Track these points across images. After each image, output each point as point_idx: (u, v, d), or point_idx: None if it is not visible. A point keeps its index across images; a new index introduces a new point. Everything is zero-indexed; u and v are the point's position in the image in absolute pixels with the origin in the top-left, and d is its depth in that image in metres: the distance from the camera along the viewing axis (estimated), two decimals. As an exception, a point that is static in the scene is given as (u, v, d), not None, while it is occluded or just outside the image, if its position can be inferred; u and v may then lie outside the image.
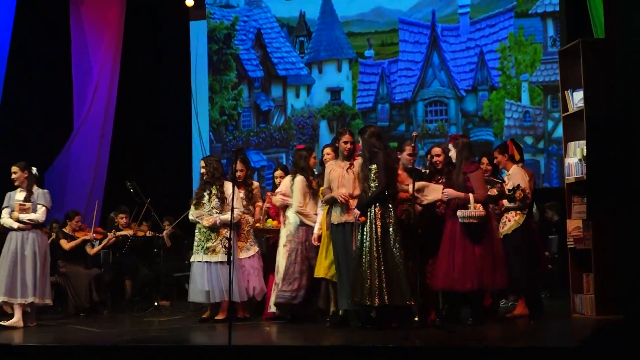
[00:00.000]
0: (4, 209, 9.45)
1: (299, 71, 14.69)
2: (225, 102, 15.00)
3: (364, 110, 14.27)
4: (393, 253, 7.80)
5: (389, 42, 14.22)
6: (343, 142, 8.34)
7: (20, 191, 9.46)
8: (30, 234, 9.32)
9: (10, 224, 9.33)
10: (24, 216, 9.31)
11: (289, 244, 8.95)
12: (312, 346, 7.28)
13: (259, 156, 14.73)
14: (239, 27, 15.07)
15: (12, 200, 9.42)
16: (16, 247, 9.24)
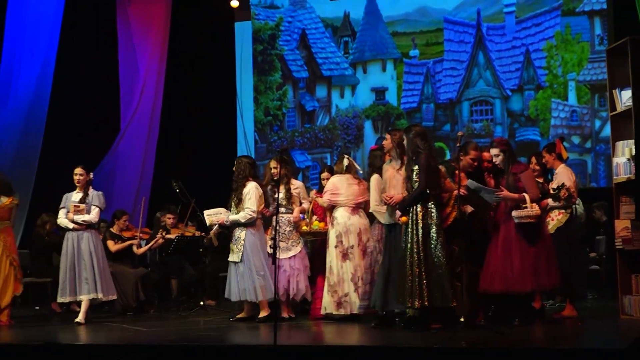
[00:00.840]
0: (61, 210, 9.73)
1: (344, 71, 14.68)
2: (270, 103, 15.03)
3: (408, 110, 14.21)
4: (434, 255, 7.74)
5: (433, 41, 14.16)
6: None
7: (77, 192, 9.74)
8: (85, 233, 9.62)
9: (66, 224, 9.63)
10: (78, 217, 9.59)
11: (340, 245, 8.96)
12: (355, 346, 7.28)
13: (303, 156, 14.74)
14: (283, 27, 15.10)
15: (69, 201, 9.71)
16: (73, 247, 9.55)
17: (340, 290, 8.92)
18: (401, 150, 8.27)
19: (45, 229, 11.52)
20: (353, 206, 9.11)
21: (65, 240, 9.68)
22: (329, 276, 9.02)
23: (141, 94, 14.52)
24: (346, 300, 8.91)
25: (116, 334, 8.78)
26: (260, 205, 9.36)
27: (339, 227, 9.00)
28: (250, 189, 9.29)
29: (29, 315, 10.77)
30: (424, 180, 7.81)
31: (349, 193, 9.13)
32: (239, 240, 9.29)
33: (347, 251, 8.99)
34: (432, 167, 7.92)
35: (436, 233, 7.77)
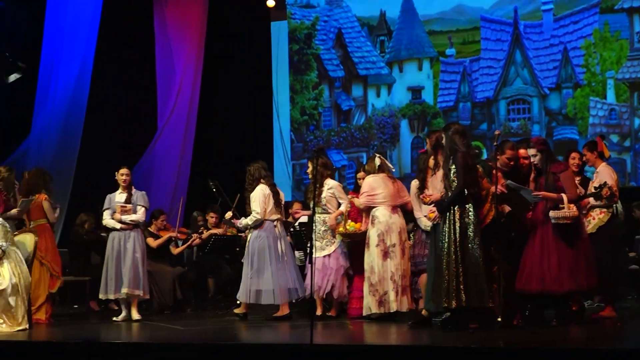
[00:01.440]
0: (105, 211, 9.89)
1: (380, 70, 14.66)
2: (306, 102, 15.05)
3: (445, 109, 14.16)
4: (472, 254, 7.70)
5: (470, 40, 14.08)
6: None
7: (120, 193, 9.89)
8: (132, 233, 9.84)
9: (113, 224, 9.81)
10: (126, 217, 9.79)
11: (382, 243, 8.95)
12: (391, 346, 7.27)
13: (339, 156, 14.74)
14: (319, 27, 15.10)
15: (113, 202, 9.86)
16: (119, 246, 9.75)
17: (380, 289, 8.91)
18: (436, 152, 8.27)
19: (84, 228, 11.62)
20: (392, 205, 9.10)
21: (110, 239, 9.85)
22: (369, 276, 9.00)
23: (178, 93, 14.61)
24: (385, 298, 8.89)
25: (153, 332, 8.84)
26: (269, 207, 9.48)
27: (381, 226, 8.98)
28: (256, 192, 9.49)
29: (67, 314, 10.88)
30: (462, 179, 7.76)
31: (387, 192, 9.12)
32: (248, 242, 9.56)
33: (389, 250, 8.97)
34: (470, 166, 7.86)
35: (473, 232, 7.72)
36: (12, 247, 9.05)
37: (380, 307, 8.91)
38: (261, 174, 9.62)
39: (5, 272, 8.82)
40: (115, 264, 9.73)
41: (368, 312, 9.02)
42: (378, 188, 9.10)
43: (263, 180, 9.61)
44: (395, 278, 8.91)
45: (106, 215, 9.91)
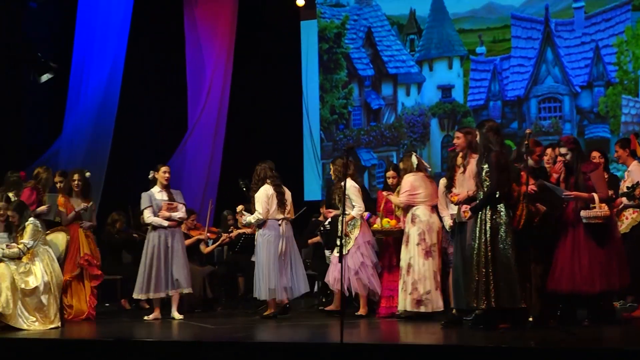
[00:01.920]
0: (147, 209, 9.79)
1: (410, 69, 14.62)
2: (336, 101, 15.05)
3: (475, 108, 14.10)
4: (503, 255, 7.64)
5: (500, 38, 14.01)
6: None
7: (160, 191, 9.85)
8: (177, 230, 9.85)
9: (160, 222, 9.72)
10: (175, 215, 9.77)
11: (423, 242, 8.93)
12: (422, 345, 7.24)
13: (369, 155, 14.72)
14: (349, 26, 15.09)
15: (155, 200, 9.78)
16: (166, 244, 9.69)
17: (421, 288, 8.88)
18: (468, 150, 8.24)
19: (115, 227, 11.69)
20: (431, 205, 9.10)
21: (153, 237, 9.74)
22: (405, 274, 8.97)
23: (208, 93, 14.66)
24: (428, 298, 8.87)
25: (184, 331, 8.87)
26: (272, 207, 9.66)
27: (422, 225, 8.96)
28: (259, 193, 9.71)
29: (98, 312, 10.93)
30: (495, 180, 7.71)
31: (427, 192, 9.13)
32: (256, 241, 9.82)
33: (430, 249, 8.96)
34: (503, 165, 7.80)
35: (505, 233, 7.67)
36: (44, 245, 9.13)
37: (420, 306, 8.88)
38: (267, 174, 9.84)
39: (38, 270, 8.91)
40: (164, 262, 9.66)
41: (402, 309, 9.00)
42: (419, 187, 9.07)
43: (268, 180, 9.82)
44: (437, 278, 8.91)
45: (149, 213, 9.78)
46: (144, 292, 9.69)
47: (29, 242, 8.93)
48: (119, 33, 13.51)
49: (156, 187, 9.89)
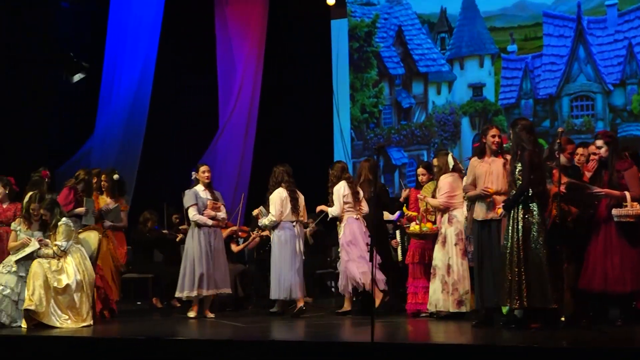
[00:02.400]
0: (192, 207, 9.73)
1: (440, 67, 14.58)
2: (366, 100, 15.03)
3: (506, 106, 14.03)
4: (535, 254, 7.59)
5: (532, 36, 13.93)
6: (491, 137, 8.20)
7: (204, 190, 9.85)
8: (218, 230, 9.88)
9: (205, 221, 9.68)
10: (219, 214, 9.80)
11: (461, 242, 8.91)
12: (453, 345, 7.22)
13: (400, 153, 14.70)
14: (379, 24, 15.07)
15: (200, 198, 9.76)
16: (208, 243, 9.68)
17: (461, 288, 8.84)
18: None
19: (147, 226, 11.75)
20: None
21: (196, 236, 9.68)
22: (444, 274, 8.93)
23: (239, 92, 14.71)
24: (467, 297, 8.83)
25: (215, 329, 8.89)
26: (286, 210, 9.95)
27: (459, 226, 8.90)
28: (274, 195, 10.00)
29: (130, 310, 11.01)
30: (527, 178, 7.67)
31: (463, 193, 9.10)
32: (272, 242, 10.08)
33: (465, 249, 8.93)
34: (536, 164, 7.75)
35: (537, 232, 7.62)
36: (76, 244, 9.20)
37: (461, 307, 8.85)
38: (283, 178, 10.13)
39: (70, 269, 8.97)
40: (206, 262, 9.61)
41: (435, 308, 8.97)
42: (457, 189, 9.00)
43: (284, 184, 10.08)
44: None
45: (194, 211, 9.70)
46: (185, 290, 9.63)
47: (62, 243, 9.00)
48: (150, 33, 13.58)
49: (200, 186, 9.88)
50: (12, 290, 8.89)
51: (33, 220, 9.19)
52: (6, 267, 9.02)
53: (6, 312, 8.84)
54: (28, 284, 8.78)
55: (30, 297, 8.69)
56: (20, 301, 8.85)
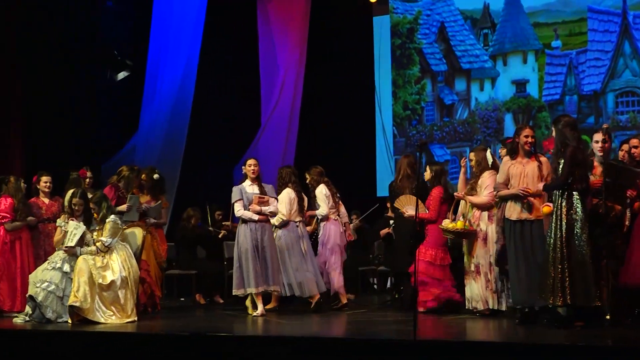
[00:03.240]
0: (237, 202, 9.59)
1: (483, 64, 14.49)
2: (409, 97, 14.99)
3: (550, 103, 13.91)
4: (579, 251, 7.52)
5: (577, 31, 13.80)
6: (524, 137, 8.14)
7: (251, 185, 9.68)
8: (267, 225, 9.65)
9: (250, 216, 9.50)
10: (266, 209, 9.58)
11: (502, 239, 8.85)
12: (496, 343, 7.18)
13: (442, 150, 14.64)
14: (422, 21, 15.02)
15: (245, 194, 9.61)
16: (257, 239, 9.50)
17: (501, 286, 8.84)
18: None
19: (190, 222, 11.83)
20: None
21: (244, 231, 9.53)
22: (487, 272, 8.89)
23: (281, 89, 14.74)
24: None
25: (259, 326, 8.91)
26: (293, 209, 10.00)
27: (501, 223, 8.85)
28: (282, 195, 10.01)
29: (174, 307, 11.09)
30: (566, 173, 7.61)
31: None
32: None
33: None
34: (579, 160, 7.67)
35: (580, 229, 7.55)
36: (122, 242, 9.28)
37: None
38: (291, 178, 10.18)
39: (115, 265, 9.05)
40: (253, 258, 9.43)
41: (482, 306, 8.94)
42: None
43: (291, 184, 10.12)
44: None
45: (239, 207, 9.56)
46: (239, 287, 9.51)
47: (107, 240, 9.08)
48: (193, 31, 13.67)
49: (247, 181, 9.74)
50: (57, 287, 8.99)
51: (76, 215, 9.29)
52: (51, 264, 9.13)
53: (51, 307, 8.94)
54: (73, 280, 8.88)
55: (75, 293, 8.78)
56: (65, 297, 8.95)
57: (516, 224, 8.06)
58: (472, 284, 9.01)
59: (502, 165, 8.30)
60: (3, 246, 9.94)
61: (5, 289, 9.90)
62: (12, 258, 9.98)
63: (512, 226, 8.09)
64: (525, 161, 8.14)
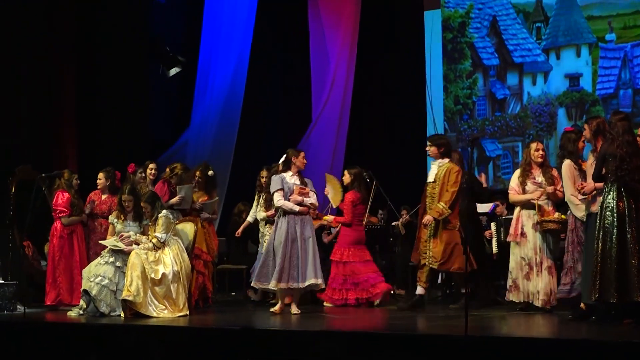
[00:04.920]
0: (277, 192, 9.26)
1: (536, 58, 14.35)
2: (460, 91, 14.91)
3: (604, 97, 13.73)
4: (628, 246, 7.43)
5: (632, 24, 13.59)
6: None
7: (292, 175, 9.38)
8: (307, 217, 9.33)
9: (292, 207, 9.18)
10: (307, 200, 9.30)
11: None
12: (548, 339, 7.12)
13: (494, 145, 14.54)
14: (473, 15, 14.92)
15: (286, 183, 9.29)
16: (296, 231, 9.17)
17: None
18: (596, 139, 8.01)
19: (241, 217, 11.87)
20: None
21: (282, 223, 9.21)
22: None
23: (332, 84, 14.76)
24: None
25: (308, 321, 8.92)
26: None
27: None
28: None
29: (225, 301, 11.17)
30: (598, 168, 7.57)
31: None
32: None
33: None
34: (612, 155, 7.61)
35: (629, 224, 7.45)
36: (174, 236, 9.37)
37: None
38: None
39: (167, 260, 9.14)
40: (291, 251, 9.09)
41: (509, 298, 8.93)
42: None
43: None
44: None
45: (279, 196, 9.20)
46: (261, 280, 9.22)
47: (162, 235, 9.17)
48: (244, 27, 13.74)
49: (289, 171, 9.42)
50: (110, 281, 9.12)
51: (127, 211, 9.40)
52: (104, 258, 9.26)
53: (105, 301, 9.07)
54: (126, 274, 8.99)
55: (128, 287, 8.89)
56: (119, 291, 9.07)
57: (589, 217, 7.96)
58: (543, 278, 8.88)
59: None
60: (60, 240, 10.09)
61: (65, 283, 10.06)
62: (70, 252, 10.14)
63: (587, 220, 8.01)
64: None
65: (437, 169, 9.52)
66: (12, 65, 12.32)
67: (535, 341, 6.94)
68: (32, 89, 12.71)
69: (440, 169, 9.49)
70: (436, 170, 9.53)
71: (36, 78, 12.74)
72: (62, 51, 13.16)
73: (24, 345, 8.19)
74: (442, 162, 9.52)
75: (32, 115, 12.66)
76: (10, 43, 12.26)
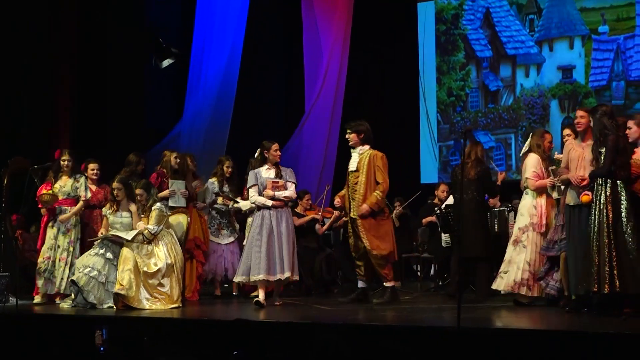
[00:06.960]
0: (252, 188, 9.22)
1: (529, 50, 14.35)
2: (453, 83, 14.90)
3: (597, 89, 13.74)
4: (625, 239, 7.44)
5: (624, 16, 13.61)
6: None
7: (268, 169, 9.29)
8: (284, 211, 9.18)
9: (264, 202, 9.09)
10: (279, 193, 9.15)
11: None
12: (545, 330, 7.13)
13: (487, 137, 14.54)
14: (467, 6, 14.91)
15: (260, 178, 9.22)
16: (271, 225, 9.05)
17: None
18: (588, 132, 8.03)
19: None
20: None
21: (258, 217, 9.13)
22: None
23: (325, 76, 14.73)
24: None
25: (301, 312, 8.92)
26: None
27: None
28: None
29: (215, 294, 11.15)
30: (609, 162, 7.53)
31: None
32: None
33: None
34: (622, 148, 7.61)
35: (626, 217, 7.47)
36: (167, 229, 9.34)
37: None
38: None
39: (160, 253, 9.12)
40: (267, 245, 8.97)
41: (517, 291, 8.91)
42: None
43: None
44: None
45: (253, 192, 9.16)
46: (242, 275, 9.11)
47: (153, 227, 9.15)
48: (237, 18, 13.70)
49: (265, 165, 9.35)
50: (98, 272, 9.08)
51: (117, 200, 9.36)
52: (94, 250, 9.24)
53: (93, 293, 9.04)
54: (118, 268, 8.98)
55: (120, 281, 8.88)
56: (109, 283, 9.05)
57: (574, 209, 7.94)
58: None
59: (565, 148, 8.26)
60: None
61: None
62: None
63: (570, 212, 7.99)
64: (586, 144, 8.02)
65: (359, 156, 9.39)
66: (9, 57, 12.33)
67: (531, 333, 6.95)
68: (30, 80, 12.72)
69: (361, 156, 9.37)
70: (357, 158, 9.39)
71: (33, 70, 12.76)
72: (55, 44, 13.13)
73: (17, 337, 8.16)
74: (362, 149, 9.42)
75: (29, 106, 12.66)
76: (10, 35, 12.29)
